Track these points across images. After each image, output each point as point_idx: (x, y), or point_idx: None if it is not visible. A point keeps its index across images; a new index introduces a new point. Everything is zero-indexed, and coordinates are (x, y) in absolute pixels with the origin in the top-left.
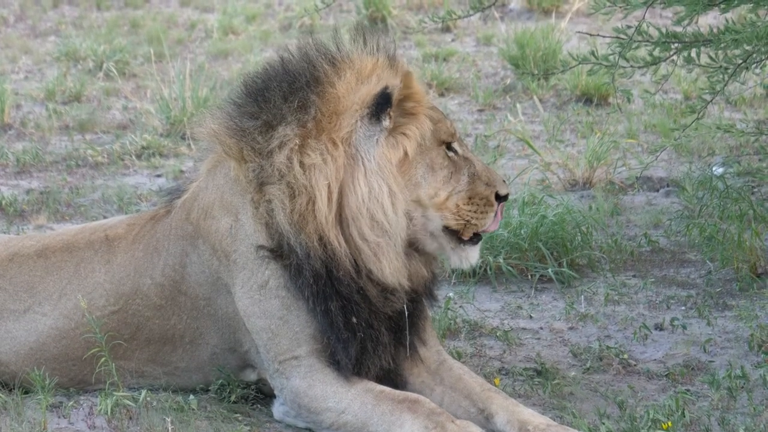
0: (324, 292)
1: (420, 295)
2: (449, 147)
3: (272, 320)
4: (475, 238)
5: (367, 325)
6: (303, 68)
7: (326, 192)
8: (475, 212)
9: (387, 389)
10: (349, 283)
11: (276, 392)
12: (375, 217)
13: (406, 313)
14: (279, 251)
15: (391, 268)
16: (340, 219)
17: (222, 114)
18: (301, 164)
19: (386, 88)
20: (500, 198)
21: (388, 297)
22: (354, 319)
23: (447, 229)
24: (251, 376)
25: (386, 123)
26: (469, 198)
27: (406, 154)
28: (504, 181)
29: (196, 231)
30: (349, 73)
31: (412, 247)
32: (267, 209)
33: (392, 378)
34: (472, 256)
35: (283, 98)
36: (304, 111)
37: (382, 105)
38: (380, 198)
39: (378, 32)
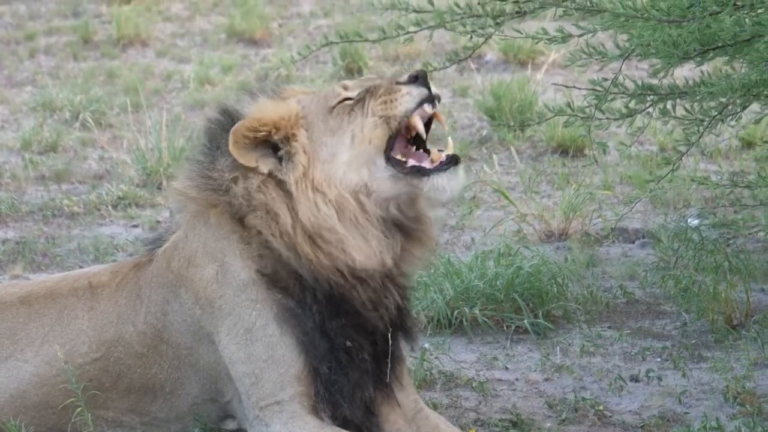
0: (330, 311)
1: (397, 330)
2: (343, 100)
3: (256, 364)
4: (439, 166)
5: (359, 347)
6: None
7: (287, 209)
8: (383, 103)
9: None
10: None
11: None
12: (323, 225)
13: (390, 340)
14: (276, 276)
15: (361, 254)
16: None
17: (185, 164)
18: (251, 188)
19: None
20: (402, 83)
21: (379, 300)
22: (348, 343)
23: (404, 167)
24: (231, 425)
25: (263, 169)
26: (374, 100)
27: (303, 166)
28: (417, 77)
29: (177, 280)
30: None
31: (392, 218)
32: (259, 241)
33: (368, 425)
34: (440, 184)
35: (223, 129)
36: None
37: None
38: (316, 209)
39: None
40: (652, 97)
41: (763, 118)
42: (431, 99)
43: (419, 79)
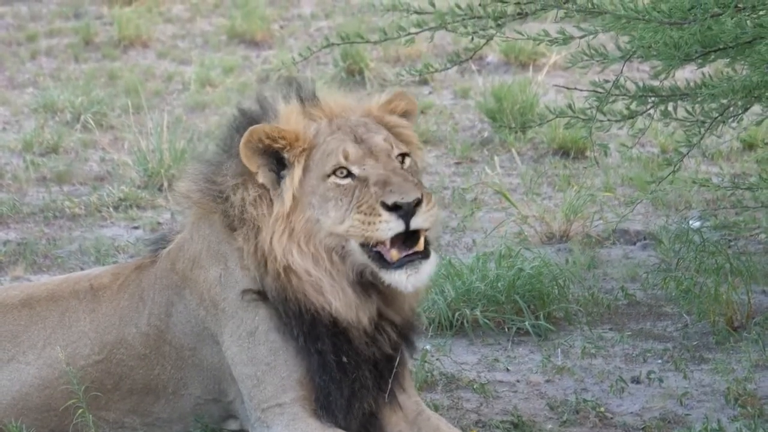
0: (312, 333)
1: (399, 342)
2: (348, 174)
3: (259, 366)
4: (398, 262)
5: (356, 365)
6: (254, 109)
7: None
8: (362, 222)
9: None
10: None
11: None
12: (293, 267)
13: (397, 357)
14: (266, 293)
15: (339, 302)
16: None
17: (194, 163)
18: (247, 199)
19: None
20: (388, 207)
21: (372, 341)
22: (344, 359)
23: (370, 251)
24: (233, 425)
25: (260, 179)
26: (358, 207)
27: (288, 207)
28: (413, 189)
29: (182, 281)
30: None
31: (367, 282)
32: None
33: (370, 425)
34: (397, 280)
35: (236, 130)
36: None
37: None
38: (290, 255)
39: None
40: (653, 98)
41: (765, 120)
42: (407, 233)
43: (401, 209)
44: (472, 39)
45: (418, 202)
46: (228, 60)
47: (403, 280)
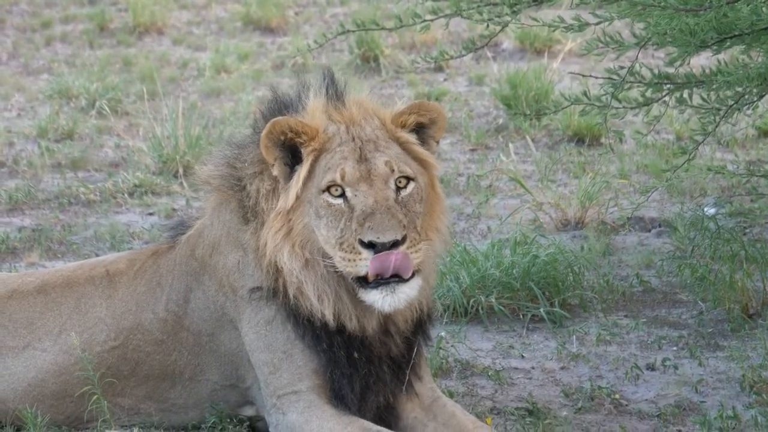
0: (313, 333)
1: (415, 334)
2: (342, 193)
3: (275, 354)
4: (374, 282)
5: (368, 361)
6: (287, 95)
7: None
8: (342, 259)
9: (383, 430)
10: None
11: (270, 429)
12: (278, 263)
13: (414, 350)
14: (276, 289)
15: (329, 311)
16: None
17: (221, 146)
18: (261, 191)
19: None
20: (365, 245)
21: (381, 343)
22: (356, 354)
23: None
24: (249, 411)
25: (274, 171)
26: (340, 244)
27: (290, 205)
28: (394, 228)
29: (201, 267)
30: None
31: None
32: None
33: (386, 413)
34: (373, 299)
35: (263, 116)
36: None
37: None
38: (280, 254)
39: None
40: (668, 86)
41: None
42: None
43: (376, 248)
44: (488, 26)
45: (396, 243)
46: (243, 46)
47: (379, 299)
